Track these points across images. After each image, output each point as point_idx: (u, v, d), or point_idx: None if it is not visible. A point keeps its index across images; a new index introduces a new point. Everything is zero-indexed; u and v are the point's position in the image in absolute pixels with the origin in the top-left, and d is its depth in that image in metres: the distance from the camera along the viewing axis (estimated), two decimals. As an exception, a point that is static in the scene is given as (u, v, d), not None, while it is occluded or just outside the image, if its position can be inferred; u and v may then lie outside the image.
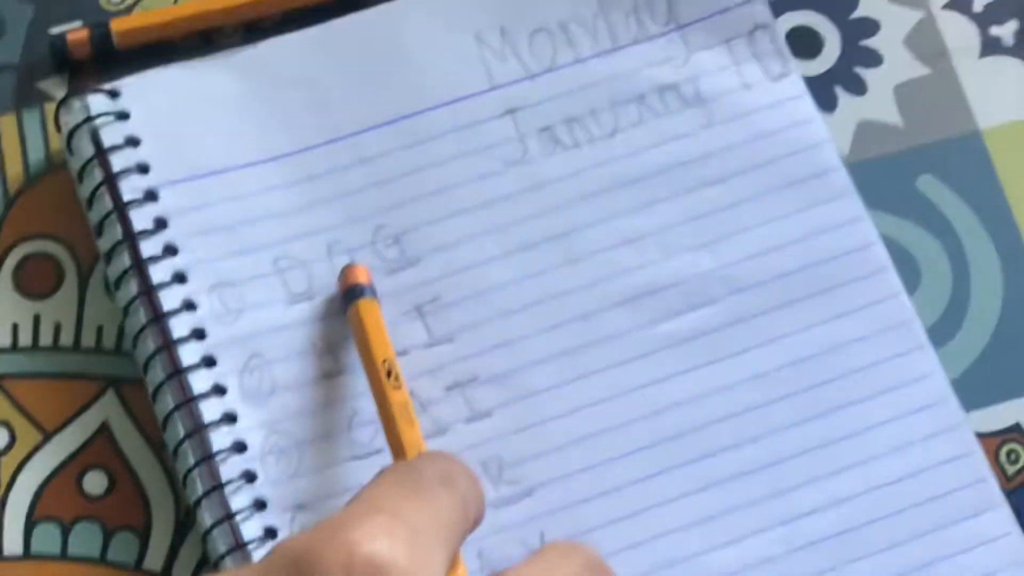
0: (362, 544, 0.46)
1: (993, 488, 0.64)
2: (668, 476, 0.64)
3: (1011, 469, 0.65)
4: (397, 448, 0.61)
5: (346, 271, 0.65)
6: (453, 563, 0.50)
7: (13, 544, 0.63)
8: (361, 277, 0.65)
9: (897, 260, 0.67)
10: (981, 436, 0.65)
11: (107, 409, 0.65)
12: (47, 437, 0.65)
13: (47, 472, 0.64)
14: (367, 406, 0.63)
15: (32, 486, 0.64)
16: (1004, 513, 0.63)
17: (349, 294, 0.64)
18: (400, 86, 0.68)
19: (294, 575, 0.46)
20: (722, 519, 0.63)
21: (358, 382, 0.63)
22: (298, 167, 0.67)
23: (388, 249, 0.66)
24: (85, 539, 0.63)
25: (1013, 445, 0.65)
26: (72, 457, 0.64)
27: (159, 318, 0.64)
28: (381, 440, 0.62)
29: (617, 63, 0.69)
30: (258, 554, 0.62)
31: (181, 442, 0.63)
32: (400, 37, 0.69)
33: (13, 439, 0.64)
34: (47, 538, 0.63)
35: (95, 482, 0.64)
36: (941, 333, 0.66)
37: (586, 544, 0.52)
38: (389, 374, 0.62)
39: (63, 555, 0.63)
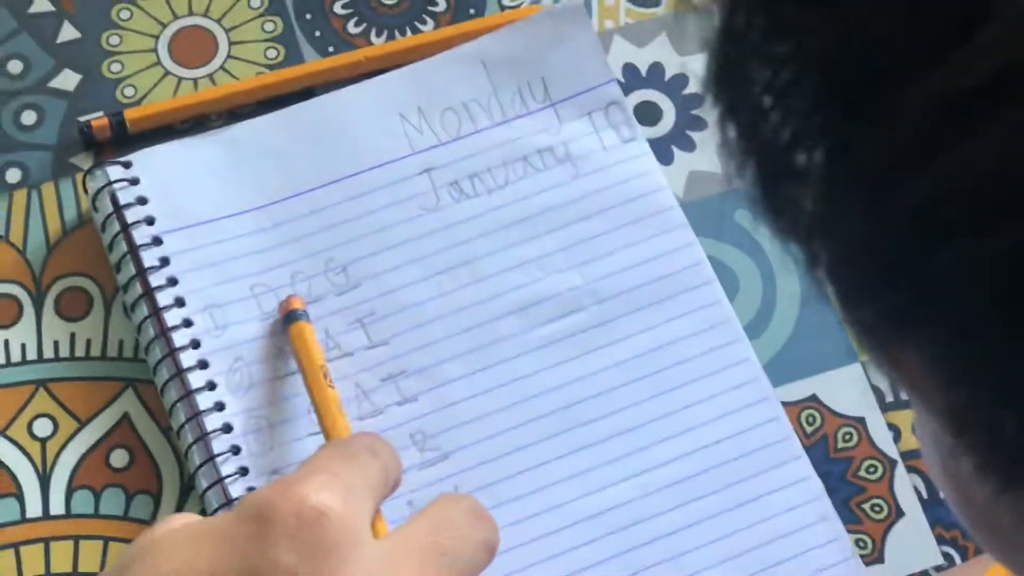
0: (309, 496, 0.46)
1: (795, 444, 0.63)
2: (550, 442, 0.63)
3: (809, 429, 0.64)
4: (331, 432, 0.59)
5: (284, 301, 0.63)
6: (376, 515, 0.49)
7: (58, 507, 0.62)
8: (296, 304, 0.63)
9: (720, 275, 0.66)
10: (786, 405, 0.64)
11: (127, 403, 0.64)
12: (82, 426, 0.63)
13: (82, 452, 0.63)
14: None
15: (71, 463, 0.63)
16: (804, 462, 0.63)
17: (288, 318, 0.63)
18: (343, 154, 0.67)
19: (257, 520, 0.45)
20: (592, 473, 0.62)
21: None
22: (267, 216, 0.66)
23: (337, 276, 0.65)
24: (112, 501, 0.62)
25: (810, 411, 0.64)
26: (101, 440, 0.63)
27: (164, 333, 0.63)
28: (331, 421, 0.61)
29: (507, 132, 0.68)
30: None
31: (183, 425, 0.62)
32: (343, 117, 0.67)
33: (56, 428, 0.63)
34: (83, 501, 0.62)
35: (119, 458, 0.63)
36: (754, 329, 0.65)
37: (469, 495, 0.51)
38: (325, 376, 0.61)
39: (96, 514, 0.62)
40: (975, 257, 0.26)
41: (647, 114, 0.69)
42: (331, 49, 0.70)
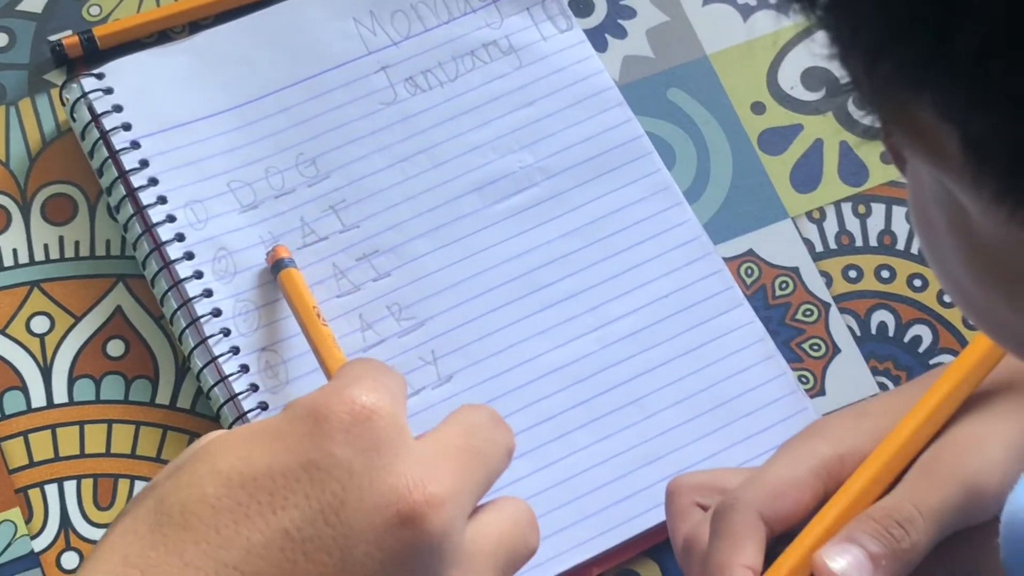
0: (360, 396, 0.47)
1: (737, 293, 0.68)
2: (514, 304, 0.67)
3: (748, 280, 0.69)
4: (332, 365, 0.62)
5: (271, 251, 0.67)
6: None
7: (61, 396, 0.66)
8: (283, 253, 0.66)
9: (658, 147, 0.70)
10: (726, 259, 0.69)
11: (119, 297, 0.67)
12: (77, 320, 0.67)
13: (80, 344, 0.66)
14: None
15: (70, 355, 0.66)
16: (746, 309, 0.68)
17: (276, 266, 0.66)
18: (304, 56, 0.71)
19: (312, 418, 0.46)
20: (555, 329, 0.67)
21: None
22: (238, 117, 0.69)
23: (307, 168, 0.69)
24: (112, 387, 0.66)
25: (748, 264, 0.69)
26: (97, 332, 0.67)
27: (150, 229, 0.67)
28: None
29: (454, 29, 0.72)
30: (237, 384, 0.65)
31: (175, 312, 0.66)
32: (301, 23, 0.71)
33: (53, 324, 0.67)
34: (85, 389, 0.66)
35: (115, 348, 0.67)
36: (693, 193, 0.70)
37: (487, 406, 0.52)
38: (319, 316, 0.64)
39: (97, 400, 0.66)
40: None
41: (580, 6, 0.74)
42: (281, -37, 0.73)
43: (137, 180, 0.68)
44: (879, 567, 0.52)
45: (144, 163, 0.69)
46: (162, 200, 0.68)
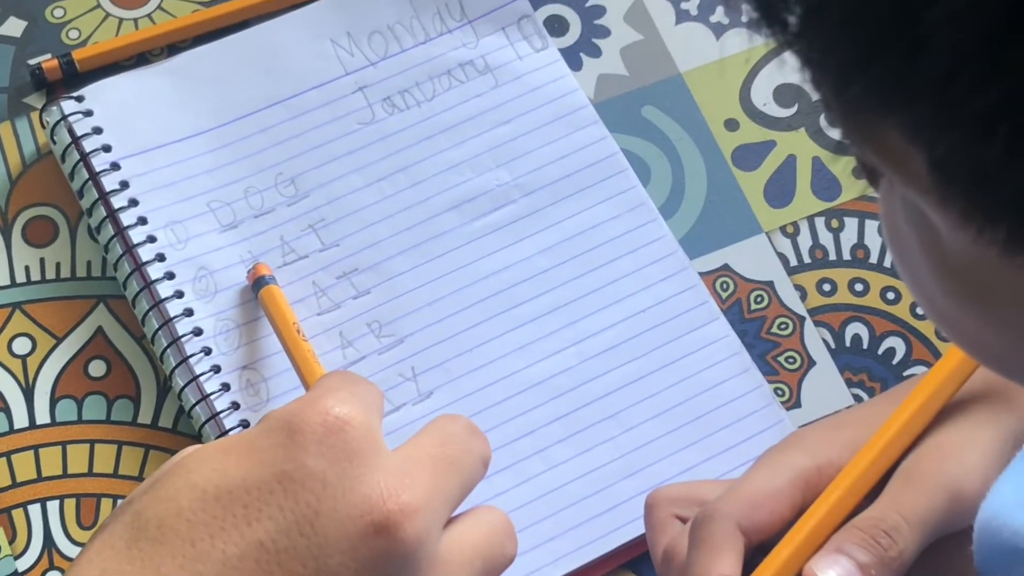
0: (333, 407, 0.47)
1: (713, 308, 0.69)
2: (493, 321, 0.68)
3: (724, 295, 0.69)
4: (311, 380, 0.63)
5: (252, 269, 0.67)
6: None
7: (43, 416, 0.66)
8: (263, 271, 0.67)
9: (633, 164, 0.71)
10: (702, 274, 0.69)
11: (101, 317, 0.68)
12: (59, 341, 0.67)
13: (62, 364, 0.67)
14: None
15: (52, 375, 0.67)
16: (722, 323, 0.68)
17: (257, 283, 0.67)
18: (282, 77, 0.71)
19: (285, 430, 0.47)
20: (533, 345, 0.67)
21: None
22: (217, 138, 0.70)
23: (286, 188, 0.69)
24: (94, 407, 0.66)
25: (724, 279, 0.70)
26: (79, 352, 0.67)
27: (131, 249, 0.67)
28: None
29: (430, 49, 0.73)
30: (219, 402, 0.65)
31: (156, 332, 0.66)
32: (278, 45, 0.72)
33: (35, 345, 0.67)
34: (67, 409, 0.66)
35: (97, 368, 0.67)
36: (668, 209, 0.71)
37: (464, 416, 0.52)
38: (299, 332, 0.65)
39: (79, 420, 0.66)
40: (954, 11, 0.29)
41: (555, 25, 0.75)
42: (259, -15, 0.74)
43: (117, 201, 0.69)
44: None
45: (124, 184, 0.69)
46: (142, 221, 0.69)
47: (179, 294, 0.68)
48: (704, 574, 0.54)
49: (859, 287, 0.70)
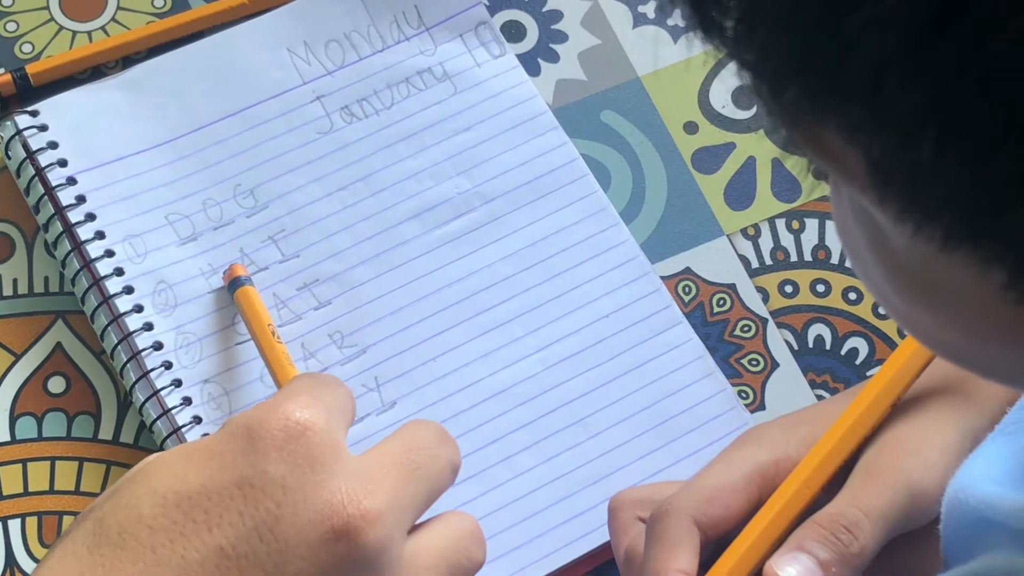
0: (294, 412, 0.48)
1: (676, 312, 0.69)
2: (456, 329, 0.68)
3: (686, 298, 0.69)
4: (284, 382, 0.63)
5: (228, 270, 0.67)
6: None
7: (2, 434, 0.65)
8: (239, 271, 0.67)
9: (593, 169, 0.71)
10: (664, 278, 0.69)
11: (59, 334, 0.67)
12: (17, 358, 0.67)
13: (21, 382, 0.66)
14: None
15: (11, 393, 0.66)
16: (685, 327, 0.68)
17: (233, 284, 0.67)
18: (239, 88, 0.71)
19: (245, 436, 0.47)
20: (496, 353, 0.67)
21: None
22: (173, 150, 0.69)
23: (245, 200, 0.69)
24: (54, 424, 0.66)
25: (686, 282, 0.70)
26: (38, 369, 0.67)
27: (88, 264, 0.67)
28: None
29: (388, 57, 0.72)
30: (180, 416, 0.64)
31: (116, 346, 0.66)
32: (234, 55, 0.71)
33: None
34: (27, 427, 0.66)
35: (56, 384, 0.66)
36: (629, 214, 0.71)
37: (435, 422, 0.53)
38: (274, 334, 0.65)
39: (40, 437, 0.66)
40: (875, 17, 0.29)
41: (513, 31, 0.75)
42: (214, -4, 0.74)
43: (74, 216, 0.68)
44: (829, 573, 0.53)
45: (81, 199, 0.69)
46: (100, 235, 0.68)
47: (138, 308, 0.67)
48: (661, 569, 0.54)
49: (821, 288, 0.70)
